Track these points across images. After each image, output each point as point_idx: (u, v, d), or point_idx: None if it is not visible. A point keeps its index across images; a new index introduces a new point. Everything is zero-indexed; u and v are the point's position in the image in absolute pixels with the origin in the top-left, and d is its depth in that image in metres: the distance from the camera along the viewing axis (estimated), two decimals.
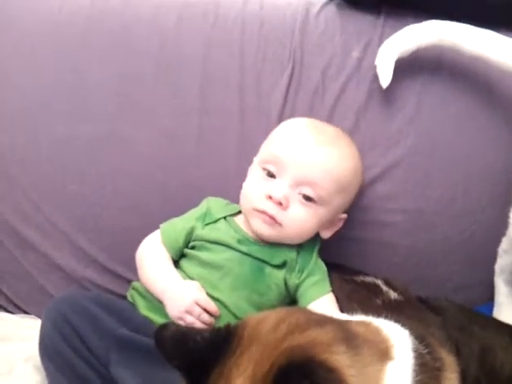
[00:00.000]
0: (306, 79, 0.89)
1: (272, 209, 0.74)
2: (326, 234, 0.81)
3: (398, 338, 0.52)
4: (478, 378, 0.61)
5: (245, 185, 0.80)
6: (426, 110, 0.88)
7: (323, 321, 0.50)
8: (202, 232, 0.79)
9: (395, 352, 0.50)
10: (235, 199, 0.85)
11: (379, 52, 0.85)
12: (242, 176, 0.85)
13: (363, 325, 0.53)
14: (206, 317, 0.70)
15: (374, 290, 0.76)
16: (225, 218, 0.81)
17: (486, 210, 0.88)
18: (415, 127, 0.88)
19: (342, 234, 0.83)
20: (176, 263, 0.79)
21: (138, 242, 0.84)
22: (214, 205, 0.83)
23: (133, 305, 0.78)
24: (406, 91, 0.88)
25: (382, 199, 0.89)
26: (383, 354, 0.49)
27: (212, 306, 0.71)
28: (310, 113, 0.89)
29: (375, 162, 0.89)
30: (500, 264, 0.86)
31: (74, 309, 0.71)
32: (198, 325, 0.70)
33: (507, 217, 0.82)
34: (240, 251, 0.76)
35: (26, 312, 0.91)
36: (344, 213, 0.81)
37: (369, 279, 0.80)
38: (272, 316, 0.49)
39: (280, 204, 0.74)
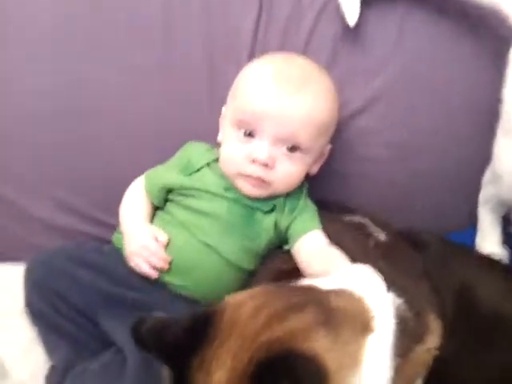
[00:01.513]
0: (277, 9, 0.83)
1: (258, 171, 0.72)
2: (314, 170, 0.79)
3: (380, 307, 0.52)
4: (454, 320, 0.62)
5: (223, 149, 0.76)
6: (407, 39, 0.84)
7: (303, 304, 0.49)
8: (185, 182, 0.76)
9: (376, 323, 0.50)
10: (208, 139, 0.82)
11: None
12: (214, 115, 0.81)
13: (344, 297, 0.52)
14: (153, 260, 0.71)
15: (364, 230, 0.76)
16: (208, 164, 0.78)
17: (470, 141, 0.86)
18: (396, 58, 0.84)
19: (324, 169, 0.81)
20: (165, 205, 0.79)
21: (115, 187, 0.83)
22: (194, 153, 0.80)
23: (119, 249, 0.77)
24: (387, 20, 0.82)
25: (363, 133, 0.87)
26: (364, 327, 0.49)
27: (161, 254, 0.72)
28: (283, 46, 0.84)
29: (355, 95, 0.85)
30: (484, 194, 0.86)
31: (54, 271, 0.72)
32: (144, 266, 0.71)
33: (491, 147, 0.81)
34: (228, 198, 0.75)
35: (10, 260, 0.90)
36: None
37: (356, 219, 0.79)
38: (250, 302, 0.48)
39: (266, 165, 0.71)
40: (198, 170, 0.78)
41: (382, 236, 0.75)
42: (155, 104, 0.86)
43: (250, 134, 0.72)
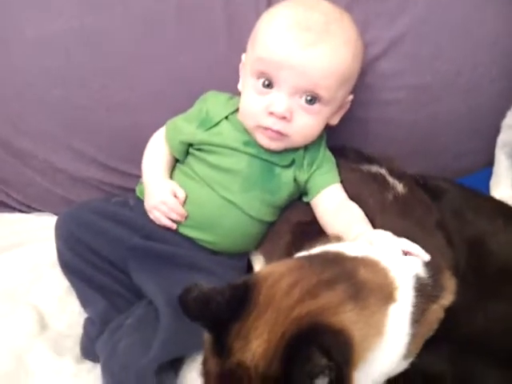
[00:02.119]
0: None
1: (276, 124, 0.71)
2: (334, 121, 0.78)
3: (402, 277, 0.56)
4: (465, 271, 0.65)
5: (242, 100, 0.74)
6: None
7: (334, 279, 0.52)
8: (204, 137, 0.76)
9: (398, 294, 0.54)
10: (226, 88, 0.80)
11: None
12: (232, 61, 0.79)
13: (371, 268, 0.55)
14: (172, 215, 0.74)
15: (382, 182, 0.76)
16: (226, 117, 0.77)
17: (494, 83, 0.84)
18: None
19: (344, 115, 0.80)
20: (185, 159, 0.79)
21: (133, 138, 0.84)
22: (213, 105, 0.78)
23: (143, 201, 0.78)
24: None
25: (385, 77, 0.84)
26: (387, 297, 0.53)
27: (179, 209, 0.74)
28: None
29: (378, 36, 0.81)
30: (502, 138, 0.86)
31: (82, 226, 0.75)
32: (163, 220, 0.74)
33: None
34: (248, 153, 0.75)
35: (39, 210, 0.94)
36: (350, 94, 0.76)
37: (374, 169, 0.79)
38: (286, 278, 0.51)
39: (284, 118, 0.70)
40: (217, 124, 0.77)
41: (399, 188, 0.75)
42: (172, 52, 0.83)
43: (268, 85, 0.71)
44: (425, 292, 0.57)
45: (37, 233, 0.89)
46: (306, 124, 0.72)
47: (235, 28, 0.82)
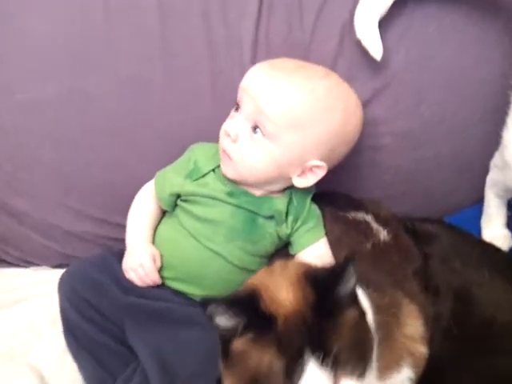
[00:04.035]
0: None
1: (226, 144, 0.74)
2: (298, 183, 0.76)
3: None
4: (449, 325, 0.66)
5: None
6: (417, 23, 0.79)
7: None
8: (191, 188, 0.77)
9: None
10: (212, 141, 0.81)
11: (356, 25, 0.75)
12: (218, 118, 0.80)
13: None
14: (146, 280, 0.75)
15: (365, 230, 0.77)
16: (213, 170, 0.79)
17: (479, 126, 0.85)
18: (406, 43, 0.80)
19: None
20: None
21: (125, 194, 0.85)
22: (202, 157, 0.80)
23: None
24: (395, 10, 0.77)
25: (371, 124, 0.85)
26: None
27: (154, 276, 0.76)
28: (288, 37, 0.80)
29: (364, 86, 0.82)
30: (492, 177, 0.87)
31: (85, 283, 0.76)
32: (139, 283, 0.76)
33: (500, 131, 0.80)
34: (231, 204, 0.76)
35: (37, 265, 0.95)
36: (325, 161, 0.75)
37: (359, 216, 0.80)
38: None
39: (229, 136, 0.73)
40: (204, 176, 0.79)
41: (382, 235, 0.77)
42: (159, 112, 0.85)
43: (237, 109, 0.75)
44: (381, 305, 0.61)
45: (35, 288, 0.90)
46: (248, 150, 0.73)
47: (220, 85, 0.83)
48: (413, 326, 0.64)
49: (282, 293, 0.53)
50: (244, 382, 0.52)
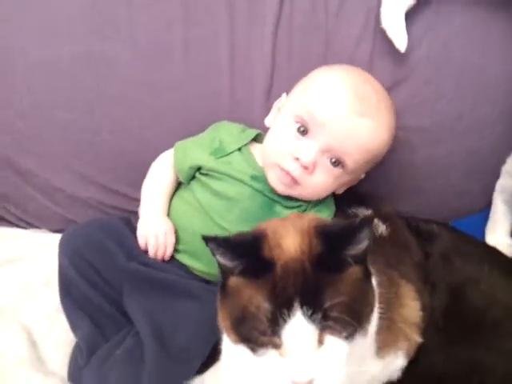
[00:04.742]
0: None
1: (296, 171, 0.72)
2: (340, 190, 0.79)
3: None
4: (443, 315, 0.66)
5: (272, 137, 0.75)
6: (442, 18, 0.78)
7: None
8: (214, 165, 0.77)
9: None
10: (228, 119, 0.82)
11: (383, 14, 0.75)
12: (235, 94, 0.80)
13: None
14: (160, 252, 0.75)
15: None
16: (239, 149, 0.79)
17: (495, 126, 0.84)
18: (429, 37, 0.80)
19: None
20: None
21: (136, 163, 0.85)
22: (227, 136, 0.80)
23: None
24: (421, 4, 0.76)
25: None
26: None
27: (169, 251, 0.75)
28: (311, 18, 0.79)
29: (383, 75, 0.81)
30: (501, 183, 0.86)
31: (89, 244, 0.74)
32: (151, 253, 0.75)
33: None
34: (252, 187, 0.76)
35: (37, 227, 0.95)
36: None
37: (360, 211, 0.81)
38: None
39: (306, 168, 0.71)
40: (228, 155, 0.78)
41: (381, 229, 0.77)
42: (177, 82, 0.85)
43: (303, 132, 0.72)
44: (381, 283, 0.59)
45: (32, 249, 0.90)
46: (323, 181, 0.74)
47: (238, 61, 0.83)
48: (411, 309, 0.64)
49: (288, 240, 0.52)
50: (233, 316, 0.51)
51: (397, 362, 0.62)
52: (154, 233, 0.75)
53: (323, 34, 0.80)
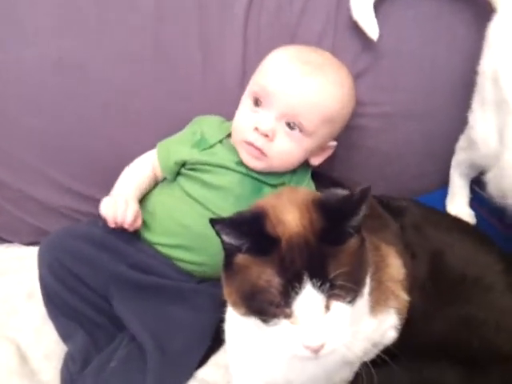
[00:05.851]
0: None
1: (259, 140, 0.76)
2: (315, 161, 0.83)
3: None
4: (425, 281, 0.71)
5: (236, 117, 0.79)
6: (396, 10, 0.84)
7: None
8: (200, 157, 0.80)
9: None
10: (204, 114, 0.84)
11: (353, 7, 0.80)
12: (208, 90, 0.82)
13: None
14: (119, 219, 0.73)
15: None
16: (220, 141, 0.81)
17: (448, 110, 0.91)
18: (386, 29, 0.84)
19: None
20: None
21: (110, 167, 0.84)
22: (208, 129, 0.82)
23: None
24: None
25: None
26: None
27: (127, 217, 0.74)
28: (280, 13, 0.84)
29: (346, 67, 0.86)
30: (457, 159, 0.93)
31: (68, 252, 0.73)
32: (108, 218, 0.74)
33: (466, 116, 0.87)
34: (240, 172, 0.79)
35: (8, 241, 0.92)
36: (334, 140, 0.82)
37: (337, 192, 0.86)
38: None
39: (266, 136, 0.75)
40: (212, 146, 0.81)
41: None
42: (148, 84, 0.86)
43: (258, 104, 0.76)
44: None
45: (8, 263, 0.88)
46: (286, 147, 0.77)
47: (211, 57, 0.85)
48: (394, 267, 0.68)
49: (289, 215, 0.54)
50: (242, 291, 0.54)
51: (389, 320, 0.66)
52: (113, 197, 0.75)
53: (289, 30, 0.84)
